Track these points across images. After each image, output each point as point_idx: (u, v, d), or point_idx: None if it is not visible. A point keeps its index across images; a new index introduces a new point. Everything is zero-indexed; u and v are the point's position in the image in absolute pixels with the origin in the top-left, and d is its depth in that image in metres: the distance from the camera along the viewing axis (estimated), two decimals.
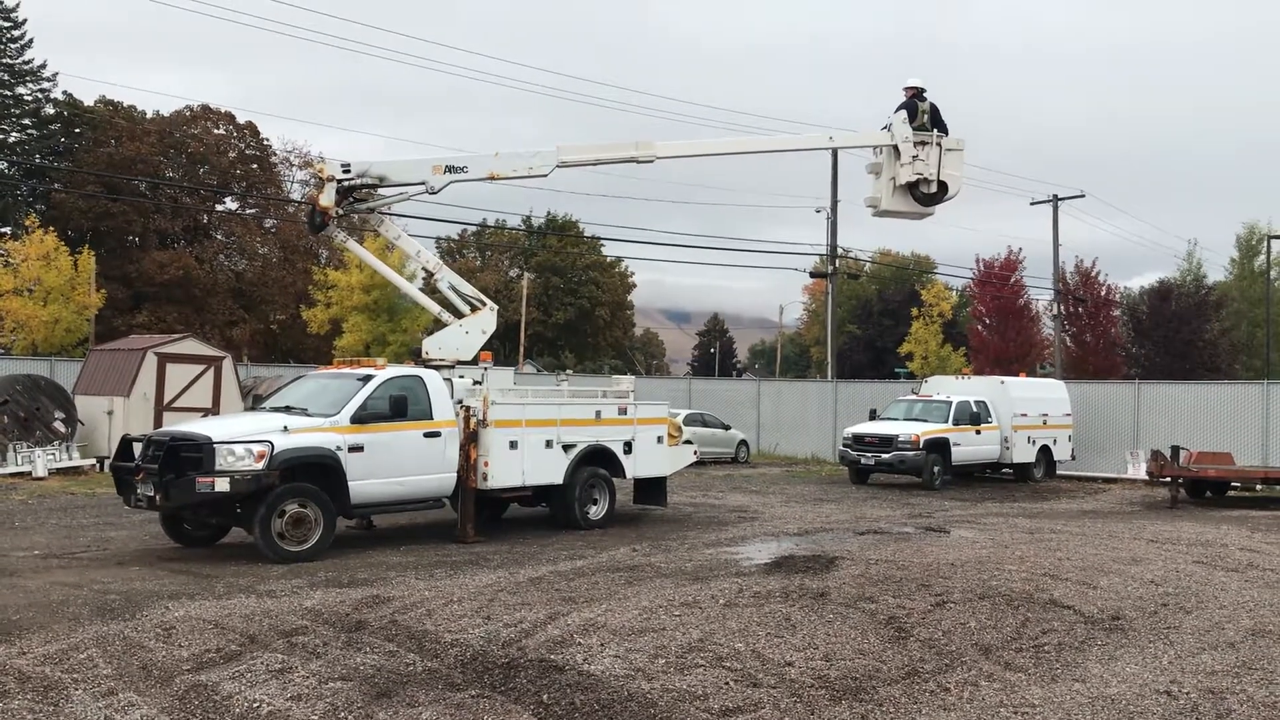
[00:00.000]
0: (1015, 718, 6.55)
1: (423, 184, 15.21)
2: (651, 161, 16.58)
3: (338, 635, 8.23)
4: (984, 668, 7.66)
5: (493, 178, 15.70)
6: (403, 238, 15.96)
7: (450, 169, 15.31)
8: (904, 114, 17.72)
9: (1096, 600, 10.00)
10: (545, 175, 15.92)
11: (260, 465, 11.31)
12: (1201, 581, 11.20)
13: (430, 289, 16.37)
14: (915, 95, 17.94)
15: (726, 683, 7.06)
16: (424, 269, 16.71)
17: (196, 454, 11.35)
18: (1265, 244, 59.90)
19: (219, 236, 55.22)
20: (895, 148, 17.62)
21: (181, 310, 48.20)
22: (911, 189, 17.73)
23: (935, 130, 17.73)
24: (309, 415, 12.33)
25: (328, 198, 14.45)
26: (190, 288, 49.04)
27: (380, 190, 15.30)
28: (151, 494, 11.43)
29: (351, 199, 15.00)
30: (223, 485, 11.18)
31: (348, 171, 14.74)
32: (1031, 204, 46.98)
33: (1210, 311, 51.47)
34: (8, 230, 46.76)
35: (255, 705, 6.41)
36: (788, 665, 7.54)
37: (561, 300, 69.54)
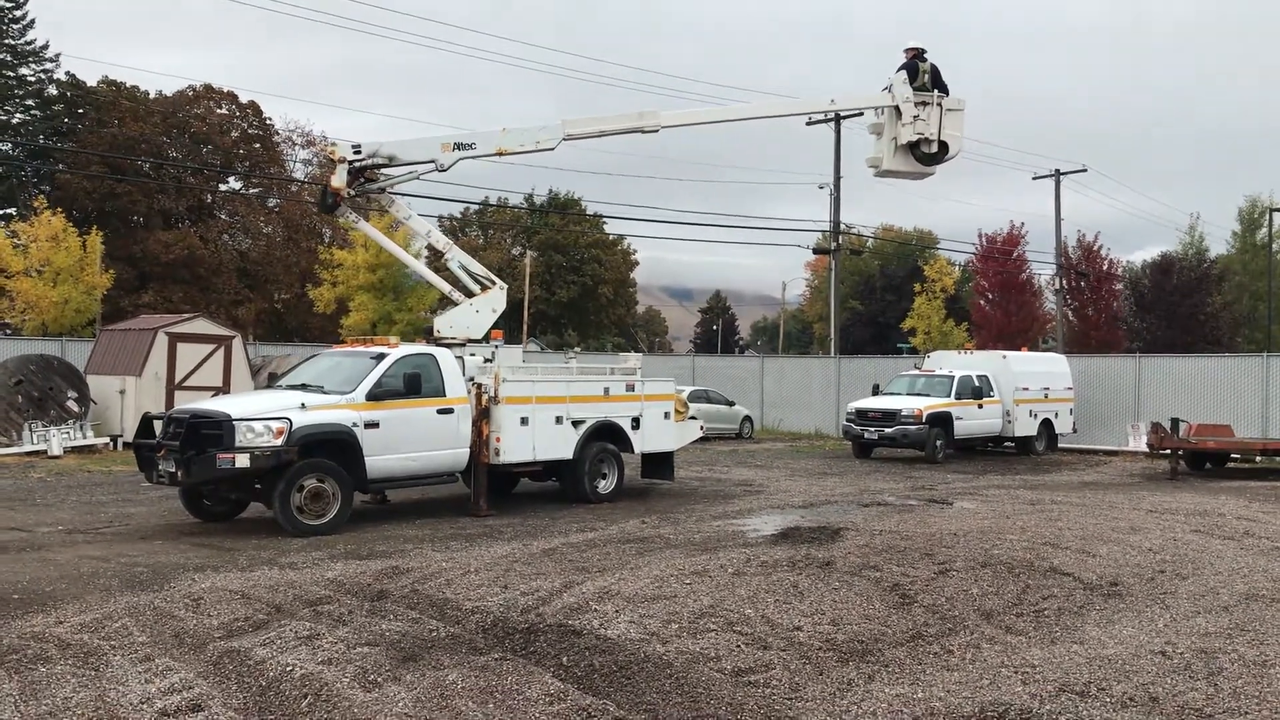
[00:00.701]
0: (1016, 677, 6.82)
1: (432, 162, 15.43)
2: (656, 131, 16.78)
3: (361, 604, 8.52)
4: (986, 631, 7.94)
5: (501, 153, 15.91)
6: (413, 218, 16.20)
7: (459, 146, 15.54)
8: (904, 75, 17.92)
9: (1095, 568, 10.28)
10: (552, 149, 16.13)
11: (279, 442, 11.60)
12: (1198, 549, 11.47)
13: (438, 268, 16.59)
14: (916, 56, 18.16)
15: (738, 646, 7.35)
16: (430, 248, 16.93)
17: (217, 431, 11.63)
18: (1267, 217, 60.02)
19: (223, 216, 55.38)
20: (896, 108, 17.84)
21: (187, 290, 48.41)
22: (913, 149, 17.96)
23: (936, 91, 17.94)
24: (325, 393, 12.61)
25: (339, 179, 14.68)
26: (195, 267, 49.25)
27: (389, 170, 15.52)
28: (173, 470, 11.73)
29: (362, 179, 15.23)
30: (243, 461, 11.48)
31: (358, 152, 14.96)
32: (1034, 179, 47.16)
33: (1212, 285, 51.63)
34: (13, 211, 47.03)
35: (288, 669, 6.70)
36: (796, 629, 7.82)
37: (564, 278, 69.72)
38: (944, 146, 17.97)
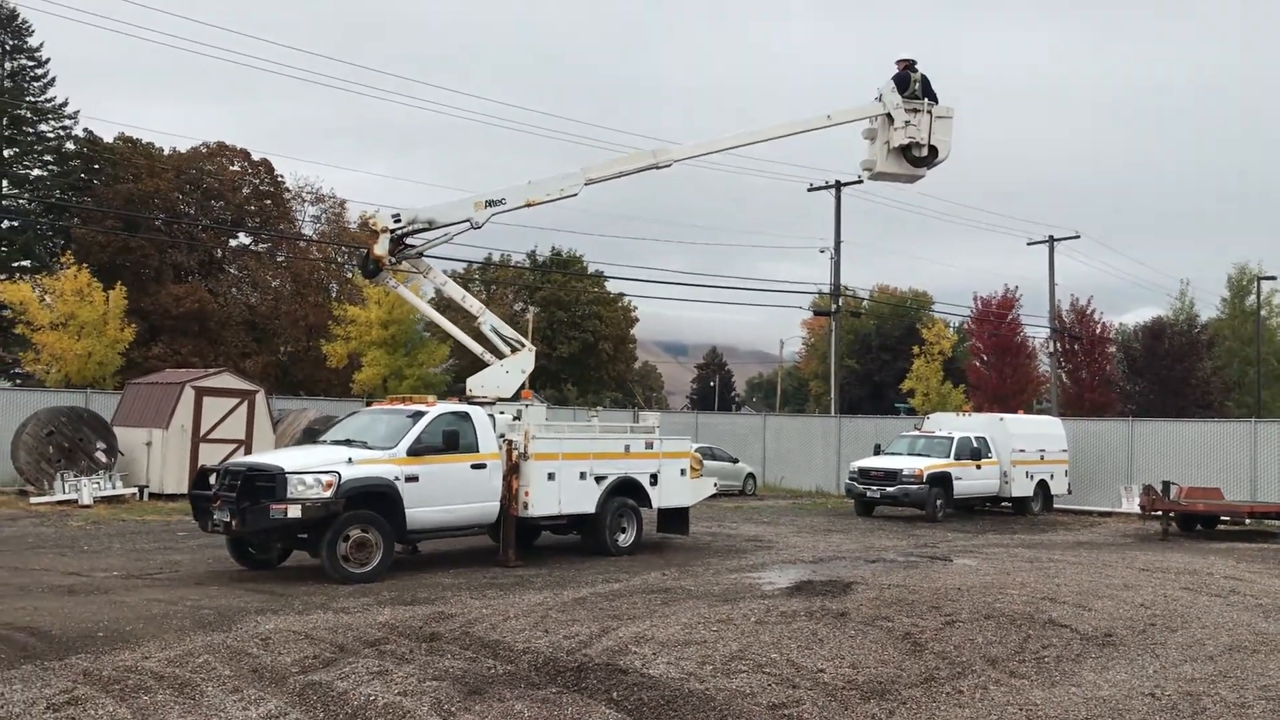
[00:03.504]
0: (1021, 714, 7.60)
1: (467, 221, 16.38)
2: (669, 166, 17.82)
3: (418, 645, 9.28)
4: (992, 675, 8.72)
5: (530, 204, 16.86)
6: (449, 284, 17.12)
7: (490, 203, 16.51)
8: (893, 84, 19.09)
9: (1091, 620, 11.07)
10: (576, 195, 17.11)
11: (328, 494, 12.40)
12: (1187, 605, 12.26)
13: (471, 330, 17.47)
14: (908, 67, 19.40)
15: (769, 684, 8.12)
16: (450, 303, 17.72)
17: (270, 483, 12.42)
18: (1255, 285, 61.35)
19: (233, 270, 56.38)
20: (889, 115, 19.00)
21: (196, 343, 49.25)
22: (904, 152, 19.10)
23: (926, 99, 19.13)
24: (369, 448, 13.42)
25: (382, 247, 15.62)
26: (205, 320, 50.12)
27: (426, 234, 16.44)
28: (228, 519, 12.50)
29: (402, 245, 16.16)
30: (294, 512, 12.26)
31: (398, 220, 15.91)
32: (1028, 244, 48.40)
33: (1203, 350, 52.68)
34: (27, 263, 47.98)
35: (371, 699, 7.46)
36: (820, 671, 8.60)
37: (565, 334, 70.64)
38: (934, 151, 19.18)
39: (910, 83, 19.09)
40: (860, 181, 40.31)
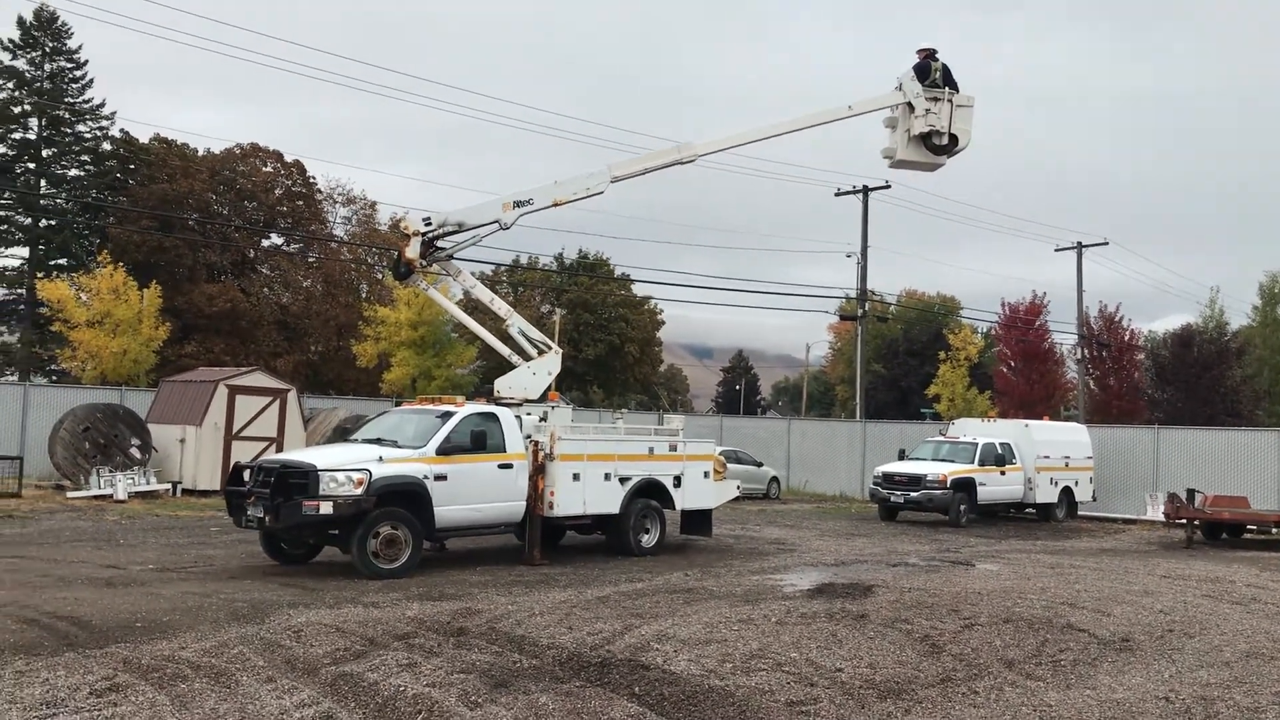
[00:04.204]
0: (1035, 715, 7.75)
1: (496, 222, 16.66)
2: (693, 161, 18.02)
3: (445, 639, 9.52)
4: (1008, 677, 8.87)
5: (557, 204, 17.10)
6: (477, 286, 17.38)
7: (518, 204, 16.77)
8: (913, 73, 19.25)
9: (1109, 625, 11.18)
10: (602, 193, 17.33)
11: (359, 491, 12.67)
12: (1207, 612, 12.35)
13: (498, 332, 17.73)
14: (929, 56, 19.54)
15: (788, 682, 8.31)
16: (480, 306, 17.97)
17: (303, 480, 12.71)
18: None
19: (265, 270, 57.04)
20: (909, 104, 19.14)
21: (228, 342, 49.88)
22: (925, 140, 19.23)
23: (946, 88, 19.25)
24: (399, 447, 13.70)
25: (413, 250, 15.92)
26: (237, 320, 50.75)
27: (456, 236, 16.71)
28: (261, 515, 12.80)
29: (433, 248, 16.44)
30: (327, 509, 12.55)
31: (429, 224, 16.21)
32: (1056, 250, 48.26)
33: (1232, 358, 52.29)
34: (64, 262, 48.75)
35: (401, 689, 7.70)
36: (838, 671, 8.77)
37: (592, 336, 70.95)
38: (954, 139, 19.29)
39: (931, 71, 19.26)
40: (888, 186, 40.56)
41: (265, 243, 57.05)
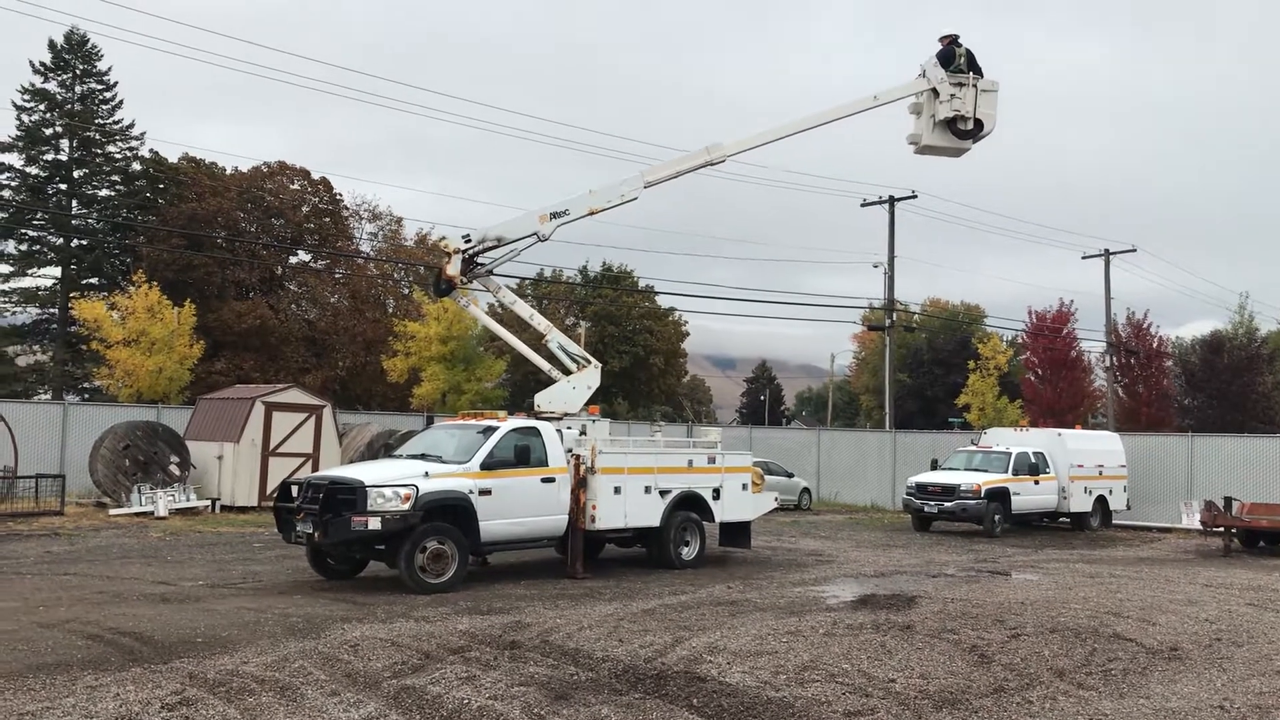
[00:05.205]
0: None
1: (534, 235, 16.82)
2: (723, 161, 18.14)
3: (500, 652, 9.66)
4: (1060, 686, 8.93)
5: (593, 213, 17.25)
6: (517, 302, 17.56)
7: (555, 215, 16.94)
8: (936, 59, 19.26)
9: (1156, 635, 11.22)
10: (636, 199, 17.47)
11: (407, 506, 12.84)
12: (1253, 620, 12.35)
13: (538, 347, 17.90)
14: (952, 42, 19.55)
15: (843, 693, 8.40)
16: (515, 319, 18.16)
17: (351, 496, 12.89)
18: None
19: (292, 287, 57.53)
20: (934, 90, 19.16)
21: (257, 358, 50.30)
22: (950, 125, 19.24)
23: (971, 74, 19.26)
24: (444, 462, 13.86)
25: (454, 268, 16.12)
26: (266, 336, 51.20)
27: (494, 251, 16.90)
28: (310, 531, 12.99)
29: (473, 264, 16.63)
30: (375, 524, 12.72)
31: (468, 241, 16.40)
32: (1083, 258, 48.10)
33: (1263, 364, 51.94)
34: (95, 281, 49.36)
35: (464, 702, 7.84)
36: (891, 681, 8.86)
37: (617, 348, 71.14)
38: (979, 124, 19.29)
39: (955, 57, 19.29)
40: (914, 196, 40.55)
41: (293, 260, 57.56)
